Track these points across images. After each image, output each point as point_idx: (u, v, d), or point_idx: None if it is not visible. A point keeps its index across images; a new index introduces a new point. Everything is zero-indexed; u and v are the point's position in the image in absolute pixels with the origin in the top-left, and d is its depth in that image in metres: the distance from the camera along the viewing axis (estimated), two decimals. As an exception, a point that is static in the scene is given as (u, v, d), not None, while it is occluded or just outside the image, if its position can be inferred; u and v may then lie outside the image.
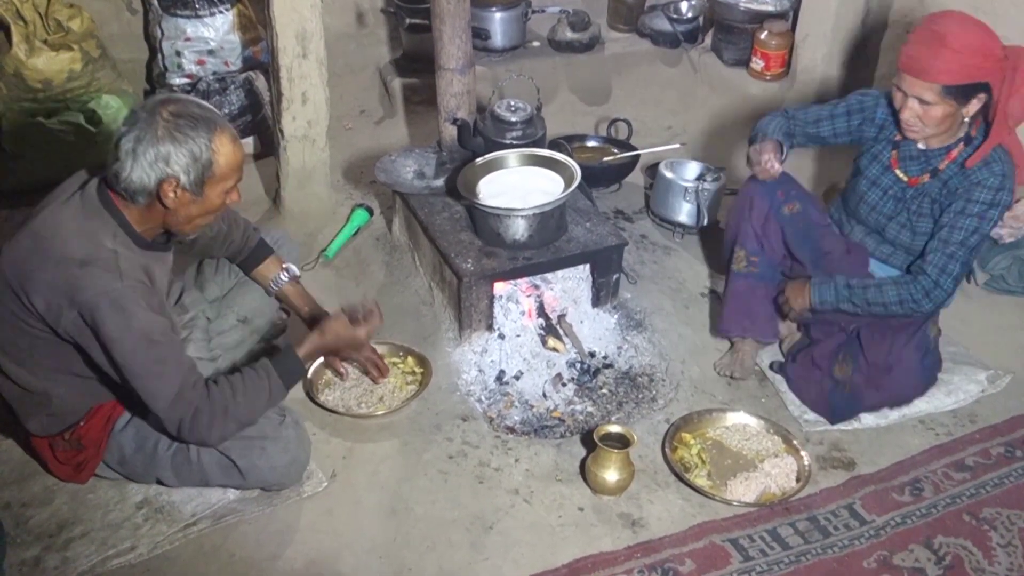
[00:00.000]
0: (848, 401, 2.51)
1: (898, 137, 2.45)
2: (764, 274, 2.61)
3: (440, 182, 3.01)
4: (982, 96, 2.25)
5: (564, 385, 2.69)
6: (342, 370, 2.59)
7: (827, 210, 2.71)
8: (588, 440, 2.44)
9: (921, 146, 2.40)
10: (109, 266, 1.90)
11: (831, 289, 2.44)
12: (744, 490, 2.33)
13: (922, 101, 2.25)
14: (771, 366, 2.74)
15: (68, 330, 1.93)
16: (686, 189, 3.29)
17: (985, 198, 2.28)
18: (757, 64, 4.13)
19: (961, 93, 2.23)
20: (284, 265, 2.49)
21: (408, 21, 3.84)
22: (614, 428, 2.36)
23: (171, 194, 1.92)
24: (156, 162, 1.87)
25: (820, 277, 2.47)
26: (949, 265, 2.31)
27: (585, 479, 2.36)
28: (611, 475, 2.29)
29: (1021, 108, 2.23)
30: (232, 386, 2.05)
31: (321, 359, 2.58)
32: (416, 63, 4.25)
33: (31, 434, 2.20)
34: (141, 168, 1.88)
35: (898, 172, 2.45)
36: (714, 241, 3.17)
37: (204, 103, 1.96)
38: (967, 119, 2.30)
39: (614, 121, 3.79)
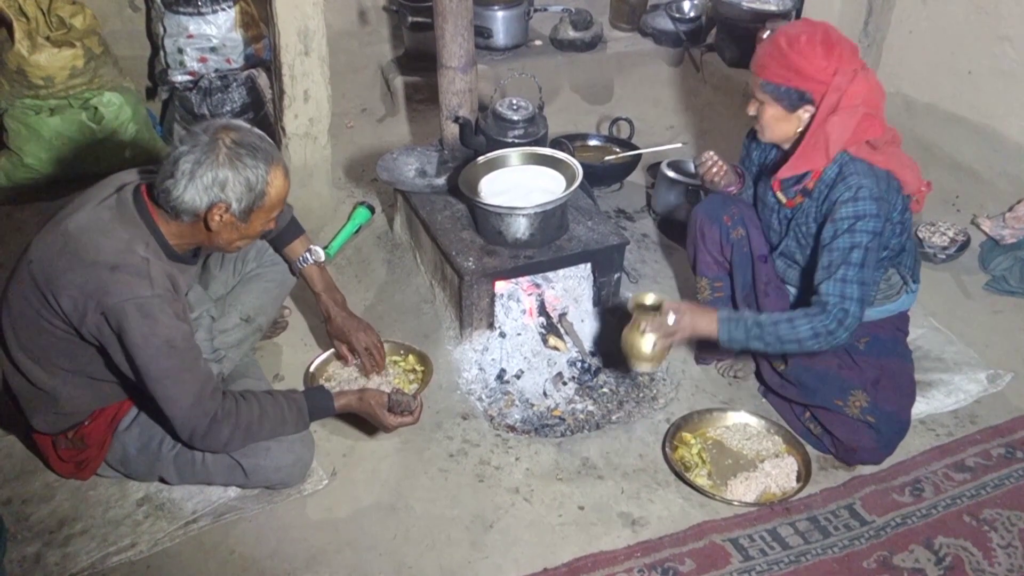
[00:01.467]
0: (828, 449, 2.46)
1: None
2: (730, 296, 2.62)
3: (442, 180, 3.02)
4: (808, 108, 2.21)
5: (565, 384, 2.69)
6: (348, 357, 2.60)
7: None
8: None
9: None
10: (140, 272, 1.91)
11: (740, 327, 2.25)
12: (744, 490, 2.33)
13: (755, 98, 2.25)
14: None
15: (91, 331, 1.94)
16: (688, 188, 3.29)
17: (847, 213, 2.20)
18: (759, 63, 4.13)
19: (783, 96, 2.19)
20: (310, 247, 2.52)
21: (410, 19, 3.84)
22: (650, 298, 2.32)
23: (217, 218, 1.94)
24: (212, 186, 1.89)
25: (728, 313, 2.28)
26: (847, 290, 2.20)
27: (621, 352, 2.34)
28: (647, 342, 2.26)
29: (841, 131, 2.16)
30: (261, 408, 2.10)
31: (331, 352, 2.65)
32: (418, 61, 4.26)
33: (33, 430, 2.21)
34: (195, 190, 1.89)
35: (779, 195, 2.42)
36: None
37: (263, 134, 1.99)
38: (799, 129, 2.25)
39: (616, 120, 3.80)
